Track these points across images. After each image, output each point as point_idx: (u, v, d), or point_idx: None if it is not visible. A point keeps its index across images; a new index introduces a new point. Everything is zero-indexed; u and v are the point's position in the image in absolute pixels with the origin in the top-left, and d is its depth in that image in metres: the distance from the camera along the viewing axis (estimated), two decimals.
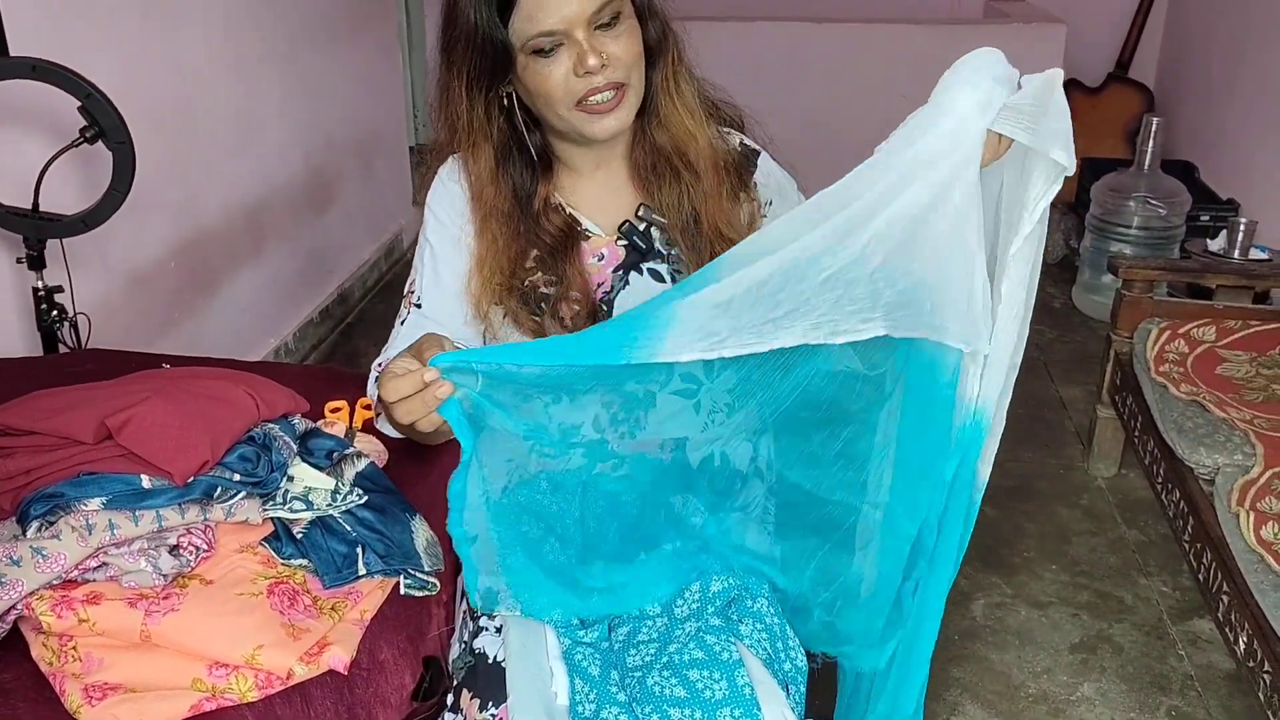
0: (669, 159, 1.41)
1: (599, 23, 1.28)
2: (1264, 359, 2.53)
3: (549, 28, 1.26)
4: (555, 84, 1.30)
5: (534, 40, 1.27)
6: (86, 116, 1.90)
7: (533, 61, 1.29)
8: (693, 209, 1.42)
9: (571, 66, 1.28)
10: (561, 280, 1.39)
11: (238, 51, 3.04)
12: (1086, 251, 4.00)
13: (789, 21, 4.31)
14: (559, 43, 1.27)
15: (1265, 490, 2.04)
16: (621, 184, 1.46)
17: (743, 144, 1.49)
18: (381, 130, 4.21)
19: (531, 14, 1.26)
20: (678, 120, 1.40)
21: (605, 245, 1.44)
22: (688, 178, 1.41)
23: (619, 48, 1.29)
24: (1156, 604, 2.44)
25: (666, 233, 1.43)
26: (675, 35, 1.39)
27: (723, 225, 1.42)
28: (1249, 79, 4.06)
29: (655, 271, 1.44)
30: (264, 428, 1.31)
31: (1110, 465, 2.93)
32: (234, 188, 3.06)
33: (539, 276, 1.40)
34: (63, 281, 2.09)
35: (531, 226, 1.40)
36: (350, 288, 3.88)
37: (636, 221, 1.43)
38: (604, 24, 1.28)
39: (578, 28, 1.26)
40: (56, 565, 1.14)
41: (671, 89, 1.39)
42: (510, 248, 1.40)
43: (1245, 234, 3.38)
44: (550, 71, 1.29)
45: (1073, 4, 4.82)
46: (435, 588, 1.34)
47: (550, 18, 1.26)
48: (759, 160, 1.49)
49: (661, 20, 1.37)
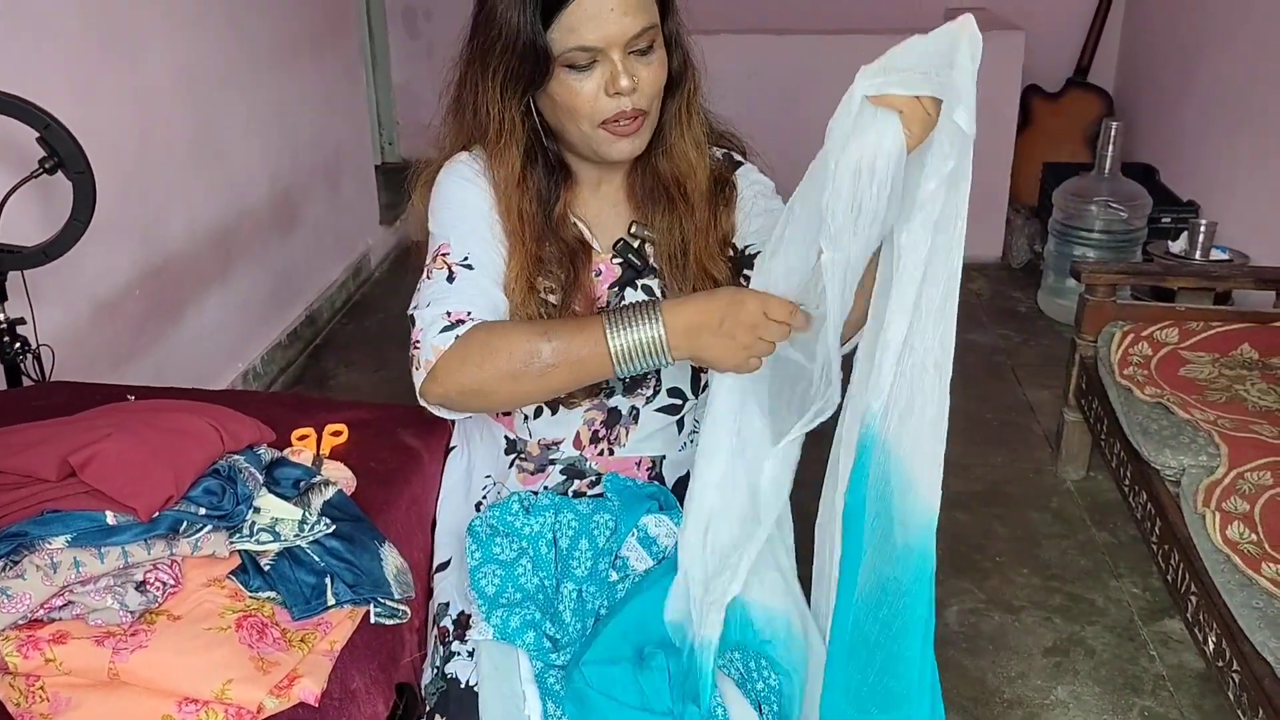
0: (667, 188, 1.44)
1: (635, 48, 1.30)
2: (1226, 360, 2.57)
3: (589, 43, 1.28)
4: (584, 99, 1.31)
5: (571, 53, 1.29)
6: (46, 147, 1.89)
7: (566, 74, 1.31)
8: (682, 239, 1.45)
9: (603, 84, 1.30)
10: (568, 290, 1.41)
11: (199, 75, 3.03)
12: (1050, 255, 4.04)
13: (749, 34, 4.33)
14: (594, 59, 1.29)
15: (1230, 490, 2.07)
16: (619, 201, 1.49)
17: (727, 154, 1.51)
18: (347, 150, 4.20)
19: (574, 26, 1.28)
20: (682, 151, 1.43)
21: (602, 262, 1.46)
22: (682, 208, 1.43)
23: (649, 74, 1.32)
24: (1127, 605, 2.46)
25: (657, 248, 1.45)
26: (694, 69, 1.42)
27: (709, 263, 1.45)
28: (1205, 82, 4.11)
29: (648, 288, 1.46)
30: (229, 460, 1.30)
31: (1079, 468, 2.96)
32: (199, 211, 3.04)
33: (543, 284, 1.42)
34: (25, 313, 2.07)
35: (552, 233, 1.42)
36: (318, 309, 3.87)
37: (630, 239, 1.45)
38: (639, 50, 1.30)
39: (615, 48, 1.29)
40: (22, 605, 1.13)
41: (683, 120, 1.42)
42: (534, 251, 1.41)
43: (1206, 235, 3.43)
44: (582, 86, 1.31)
45: (1031, 10, 4.87)
46: (406, 615, 1.34)
47: (592, 34, 1.28)
48: (741, 168, 1.52)
49: (684, 52, 1.40)
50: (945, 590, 2.50)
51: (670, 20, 1.36)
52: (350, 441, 1.62)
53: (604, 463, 1.50)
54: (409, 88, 5.78)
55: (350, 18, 4.24)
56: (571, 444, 1.49)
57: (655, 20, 1.31)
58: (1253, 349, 2.58)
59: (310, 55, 3.81)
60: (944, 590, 2.50)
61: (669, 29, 1.36)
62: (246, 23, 3.30)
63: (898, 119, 1.08)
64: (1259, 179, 3.61)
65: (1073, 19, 4.95)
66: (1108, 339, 2.70)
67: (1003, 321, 4.01)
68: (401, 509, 1.51)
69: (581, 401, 1.46)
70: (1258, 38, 3.67)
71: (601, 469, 1.50)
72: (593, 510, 1.43)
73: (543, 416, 1.49)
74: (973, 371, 3.62)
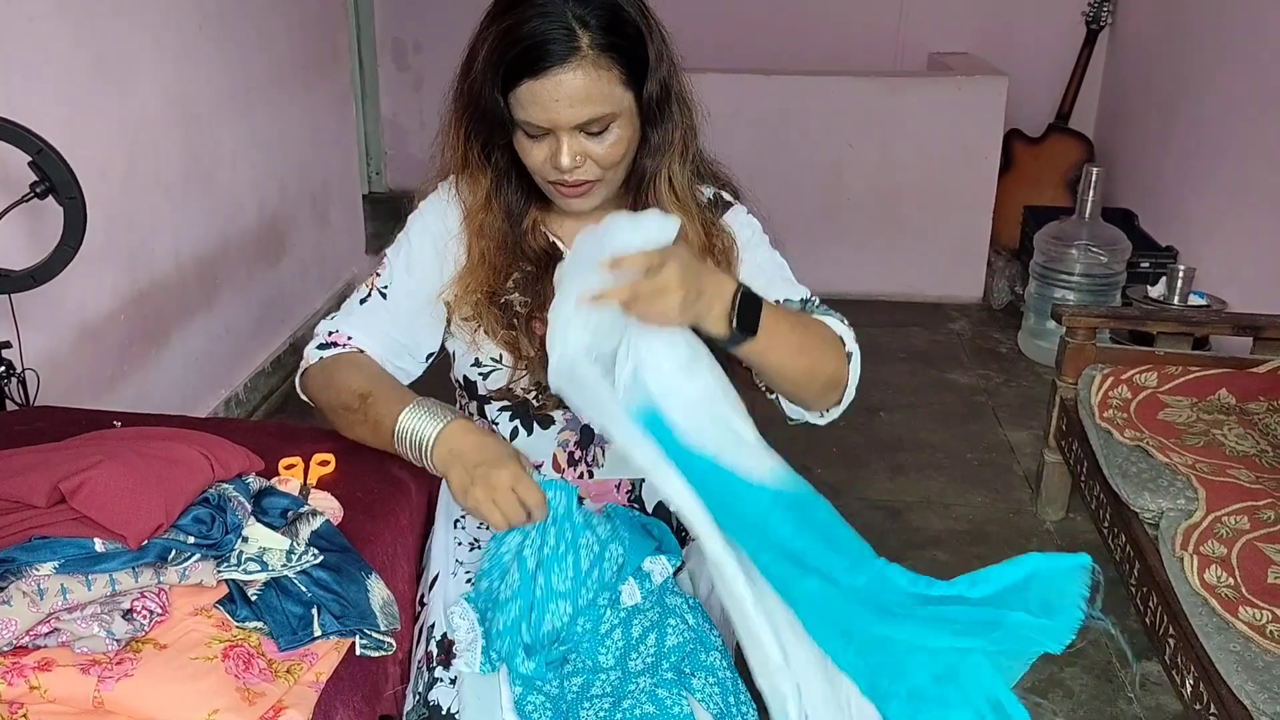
0: None
1: (587, 130, 1.34)
2: (1204, 404, 2.59)
3: (535, 121, 1.33)
4: (534, 161, 1.38)
5: (522, 123, 1.34)
6: (37, 172, 1.89)
7: (522, 135, 1.37)
8: None
9: (550, 154, 1.35)
10: (538, 300, 1.45)
11: (190, 103, 3.04)
12: (1031, 298, 4.08)
13: (736, 74, 4.38)
14: (546, 132, 1.34)
15: (1208, 534, 2.08)
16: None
17: (717, 194, 1.54)
18: (335, 179, 4.21)
19: (525, 104, 1.32)
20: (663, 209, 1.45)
21: None
22: None
23: (601, 150, 1.36)
24: (1105, 647, 2.47)
25: None
26: (688, 131, 1.45)
27: None
28: (1184, 129, 4.18)
29: None
30: (218, 488, 1.30)
31: (1058, 509, 2.98)
32: (186, 238, 3.05)
33: (515, 296, 1.47)
34: (10, 337, 2.07)
35: (518, 242, 1.48)
36: (303, 337, 3.85)
37: None
38: (591, 131, 1.34)
39: (562, 130, 1.33)
40: (7, 632, 1.12)
41: (667, 179, 1.45)
42: (496, 263, 1.47)
43: (1184, 281, 3.48)
44: (531, 148, 1.37)
45: (1014, 56, 4.95)
46: (391, 647, 1.33)
47: (539, 116, 1.32)
48: (730, 209, 1.54)
49: (674, 121, 1.42)
50: None
51: (651, 85, 1.37)
52: (338, 471, 1.62)
53: (585, 485, 1.52)
54: (397, 119, 5.81)
55: (341, 49, 4.26)
56: (550, 467, 1.52)
57: (610, 106, 1.33)
58: (1230, 394, 2.61)
59: (300, 85, 3.83)
60: None
61: (649, 92, 1.37)
62: (237, 53, 3.32)
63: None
64: (1236, 226, 3.67)
65: (1055, 65, 5.03)
66: (1088, 381, 2.72)
67: (983, 362, 4.05)
68: (388, 540, 1.51)
69: (554, 417, 1.51)
70: (1236, 87, 3.74)
71: (582, 492, 1.51)
72: (609, 538, 1.43)
73: (519, 438, 1.53)
74: (954, 411, 3.64)
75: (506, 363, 1.48)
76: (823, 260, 4.46)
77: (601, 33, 1.30)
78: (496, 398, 1.50)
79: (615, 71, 1.32)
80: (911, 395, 3.75)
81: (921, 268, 4.63)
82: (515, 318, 1.47)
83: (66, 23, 2.46)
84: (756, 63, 4.81)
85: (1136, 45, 4.78)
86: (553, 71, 1.29)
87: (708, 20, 4.95)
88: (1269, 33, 3.54)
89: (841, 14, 5.18)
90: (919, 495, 3.12)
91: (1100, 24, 4.92)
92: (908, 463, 3.31)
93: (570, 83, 1.29)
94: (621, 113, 1.35)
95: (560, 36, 1.28)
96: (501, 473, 1.32)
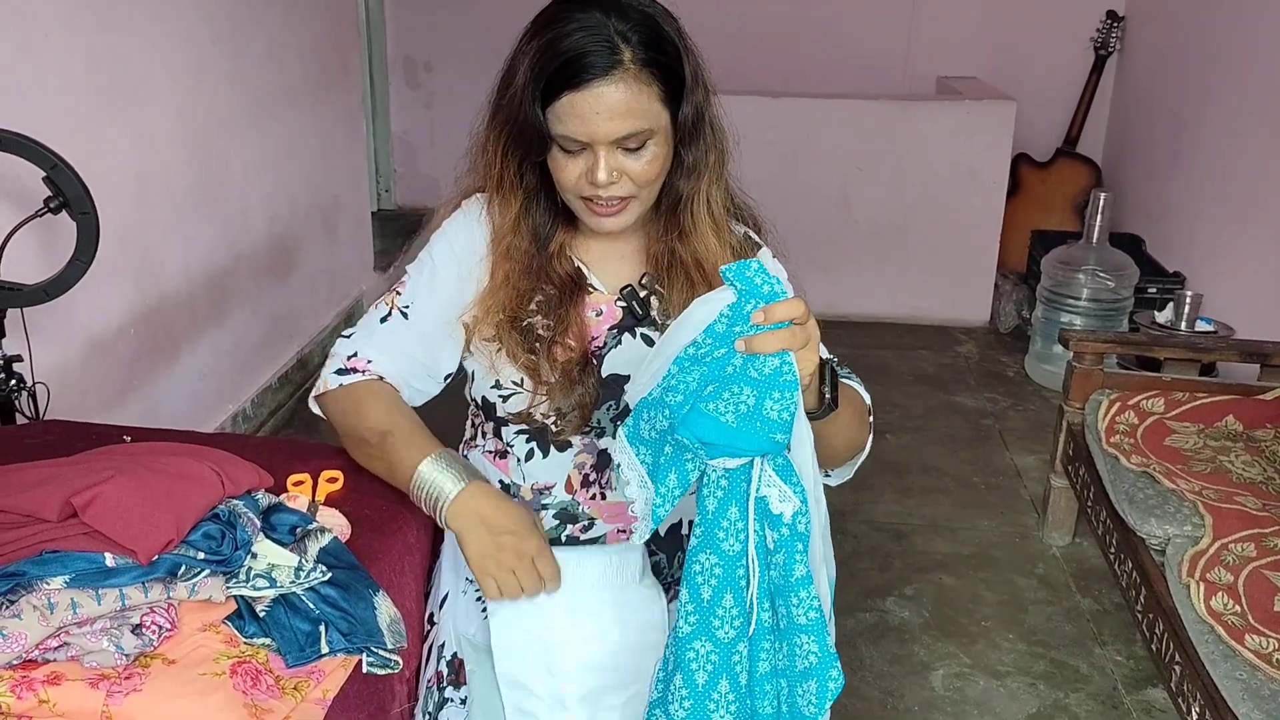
0: (686, 268, 1.46)
1: (624, 146, 1.34)
2: (1211, 430, 2.59)
3: (574, 134, 1.33)
4: (568, 177, 1.37)
5: (559, 137, 1.34)
6: (51, 187, 1.91)
7: (558, 151, 1.36)
8: None
9: (585, 170, 1.35)
10: (560, 325, 1.45)
11: (201, 120, 3.06)
12: (1038, 322, 4.09)
13: (746, 96, 4.39)
14: (583, 147, 1.34)
15: (1214, 561, 2.08)
16: (632, 251, 1.51)
17: (747, 234, 1.54)
18: (344, 196, 4.23)
19: (564, 117, 1.32)
20: (701, 233, 1.46)
21: (605, 302, 1.49)
22: (702, 289, 1.44)
23: (638, 167, 1.36)
24: (1111, 673, 2.46)
25: (665, 304, 1.48)
26: (722, 154, 1.45)
27: None
28: (1191, 154, 4.19)
29: (647, 337, 1.48)
30: (229, 504, 1.31)
31: (1065, 534, 2.98)
32: (196, 254, 3.06)
33: (539, 319, 1.46)
34: (21, 351, 2.08)
35: (543, 266, 1.47)
36: (310, 353, 3.87)
37: (639, 287, 1.48)
38: (629, 147, 1.34)
39: (600, 144, 1.33)
40: (17, 645, 1.13)
41: (702, 203, 1.44)
42: (520, 286, 1.46)
43: (1191, 306, 3.48)
44: (567, 164, 1.36)
45: (1022, 81, 4.97)
46: (398, 665, 1.33)
47: (577, 129, 1.32)
48: (760, 251, 1.53)
49: (707, 143, 1.43)
50: (931, 653, 2.50)
51: (688, 105, 1.38)
52: (346, 488, 1.62)
53: (596, 506, 1.52)
54: (407, 138, 5.84)
55: (352, 67, 4.29)
56: (563, 488, 1.51)
57: (648, 123, 1.33)
58: (1237, 421, 2.61)
59: (311, 103, 3.85)
60: (929, 653, 2.50)
61: (684, 114, 1.38)
62: (249, 70, 3.35)
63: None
64: (1245, 252, 3.67)
65: (1063, 90, 5.06)
66: (1095, 407, 2.72)
67: (990, 385, 4.05)
68: (395, 557, 1.52)
69: (572, 441, 1.49)
70: (1244, 114, 3.75)
71: (594, 513, 1.51)
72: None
73: (534, 459, 1.51)
74: (960, 434, 3.64)
75: (527, 387, 1.47)
76: (831, 282, 4.48)
77: (643, 48, 1.31)
78: (514, 421, 1.50)
79: (655, 88, 1.33)
80: (918, 418, 3.75)
81: (929, 291, 4.63)
82: (537, 341, 1.45)
83: (81, 40, 2.48)
84: (766, 85, 4.84)
85: (1145, 71, 4.80)
86: (594, 84, 1.29)
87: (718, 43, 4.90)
88: (1277, 60, 3.56)
89: (851, 38, 5.20)
90: (925, 518, 3.12)
91: (1108, 50, 4.94)
92: (914, 485, 3.30)
93: (611, 95, 1.30)
94: (658, 130, 1.35)
95: (602, 49, 1.29)
96: (528, 544, 1.32)
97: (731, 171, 1.50)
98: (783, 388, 1.07)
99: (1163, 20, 4.62)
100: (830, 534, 1.19)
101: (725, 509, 1.13)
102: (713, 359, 1.10)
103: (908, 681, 2.42)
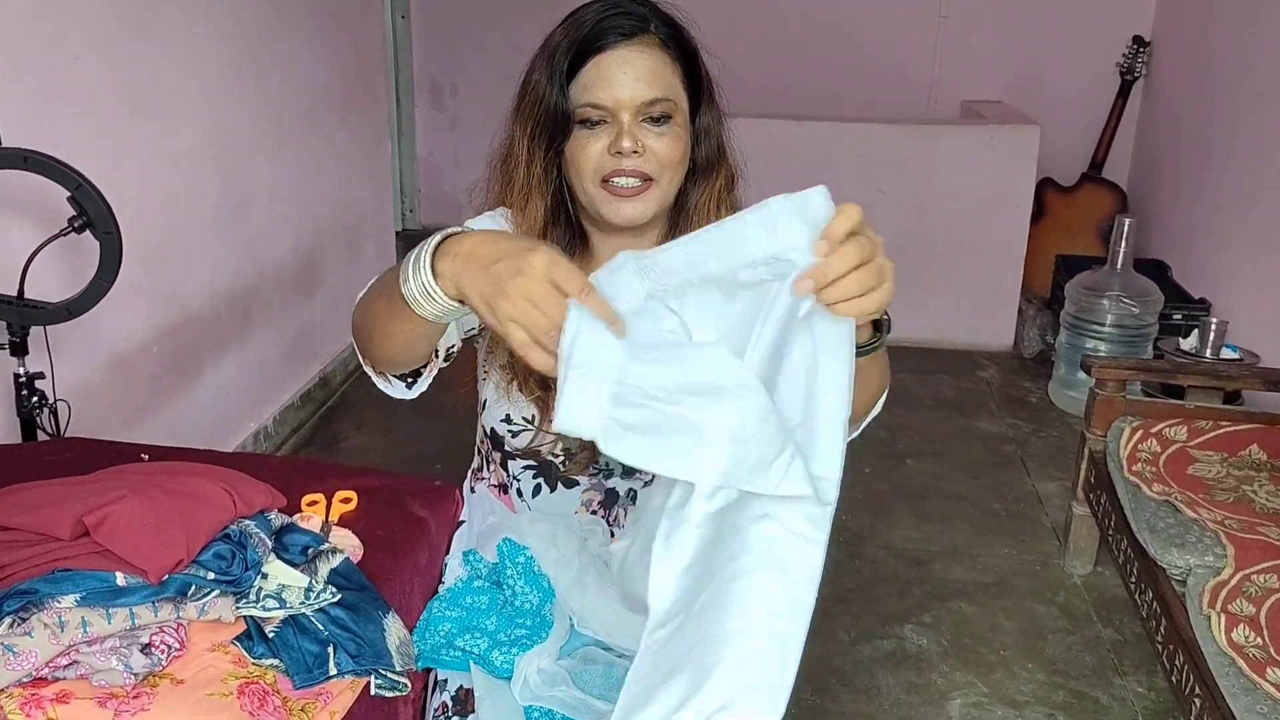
0: None
1: (648, 115, 1.33)
2: (1234, 460, 2.56)
3: (599, 101, 1.33)
4: (589, 155, 1.35)
5: (583, 109, 1.34)
6: (75, 206, 1.93)
7: (579, 130, 1.35)
8: None
9: (608, 144, 1.34)
10: None
11: (226, 139, 3.09)
12: (1062, 347, 4.06)
13: (769, 119, 4.40)
14: (604, 119, 1.34)
15: (1236, 592, 2.05)
16: None
17: None
18: (369, 215, 4.26)
19: (588, 85, 1.33)
20: None
21: None
22: None
23: (660, 145, 1.35)
24: (1131, 705, 2.43)
25: None
26: (732, 169, 1.46)
27: None
28: (1218, 180, 4.16)
29: None
30: (240, 525, 1.32)
31: (1086, 562, 2.94)
32: (220, 272, 3.09)
33: None
34: (44, 368, 2.10)
35: None
36: (332, 371, 3.90)
37: None
38: (653, 118, 1.34)
39: (625, 111, 1.32)
40: (27, 663, 1.13)
41: (712, 213, 1.44)
42: None
43: (1217, 334, 3.44)
44: (588, 143, 1.35)
45: (1047, 106, 4.96)
46: (406, 688, 1.34)
47: (603, 93, 1.32)
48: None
49: (719, 151, 1.44)
50: (949, 682, 2.48)
51: (705, 114, 1.40)
52: (359, 509, 1.63)
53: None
54: (432, 158, 5.89)
55: (378, 88, 4.32)
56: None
57: (672, 96, 1.34)
58: (1261, 450, 2.58)
59: (337, 123, 3.89)
60: (947, 682, 2.48)
61: (702, 122, 1.40)
62: (275, 89, 3.38)
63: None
64: (1271, 279, 3.64)
65: (1088, 115, 5.03)
66: (1117, 434, 2.70)
67: (1013, 411, 4.02)
68: (406, 578, 1.52)
69: (580, 480, 1.48)
70: (1270, 139, 3.72)
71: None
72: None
73: (541, 495, 1.50)
74: (981, 459, 3.62)
75: (537, 423, 1.47)
76: None
77: (666, 26, 1.35)
78: (522, 456, 1.50)
79: (677, 67, 1.36)
80: (939, 443, 3.73)
81: (952, 315, 4.61)
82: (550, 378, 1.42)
83: (110, 61, 2.52)
84: (790, 108, 4.84)
85: (1171, 96, 4.77)
86: (620, 46, 1.32)
87: (742, 65, 4.95)
88: None
89: (875, 61, 5.20)
90: (945, 545, 3.09)
91: (1134, 75, 4.92)
92: (934, 511, 3.28)
93: (638, 59, 1.32)
94: (679, 111, 1.36)
95: (629, 18, 1.33)
96: (526, 261, 0.99)
97: (743, 196, 1.50)
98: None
99: (1189, 46, 4.60)
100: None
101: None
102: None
103: (925, 710, 2.40)
